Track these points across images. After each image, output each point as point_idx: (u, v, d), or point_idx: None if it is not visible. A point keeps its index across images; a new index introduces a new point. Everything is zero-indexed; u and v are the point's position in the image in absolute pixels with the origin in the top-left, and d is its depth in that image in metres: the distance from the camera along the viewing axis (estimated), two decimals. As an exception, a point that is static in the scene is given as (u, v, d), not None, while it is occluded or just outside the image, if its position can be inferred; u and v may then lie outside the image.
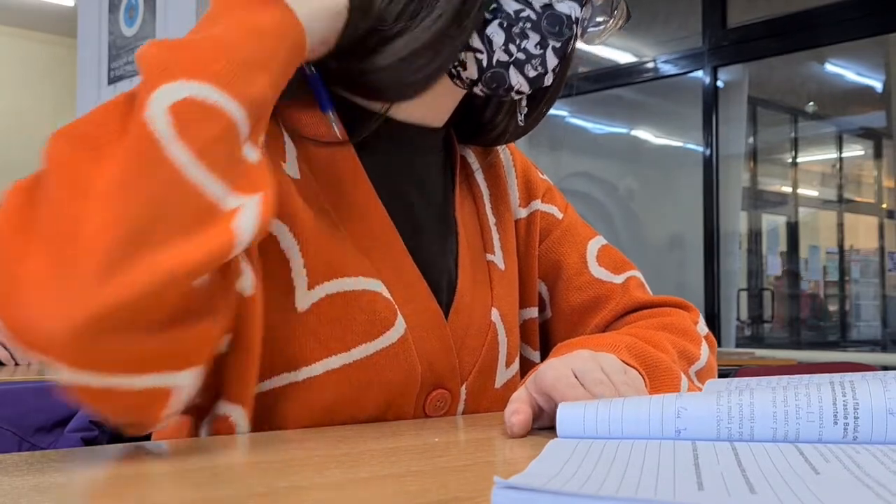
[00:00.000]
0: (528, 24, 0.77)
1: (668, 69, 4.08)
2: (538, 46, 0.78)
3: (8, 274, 0.53)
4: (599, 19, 0.82)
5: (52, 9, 6.59)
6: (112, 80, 3.67)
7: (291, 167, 0.77)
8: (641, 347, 0.80)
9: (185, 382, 0.58)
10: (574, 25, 0.78)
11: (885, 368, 2.06)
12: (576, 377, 0.67)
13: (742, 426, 0.57)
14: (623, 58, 4.49)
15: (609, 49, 4.53)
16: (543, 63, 0.79)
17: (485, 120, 0.91)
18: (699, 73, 3.93)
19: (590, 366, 0.69)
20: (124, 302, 0.52)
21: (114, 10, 3.68)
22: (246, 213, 0.58)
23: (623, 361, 0.74)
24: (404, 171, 0.84)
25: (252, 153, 0.62)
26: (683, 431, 0.58)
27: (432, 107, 0.84)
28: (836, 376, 0.58)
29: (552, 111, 0.93)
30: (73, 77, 4.04)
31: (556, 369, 0.68)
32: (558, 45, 0.78)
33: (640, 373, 0.75)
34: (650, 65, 4.19)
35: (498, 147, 0.99)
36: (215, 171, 0.57)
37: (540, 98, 0.89)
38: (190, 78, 0.58)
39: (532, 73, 0.79)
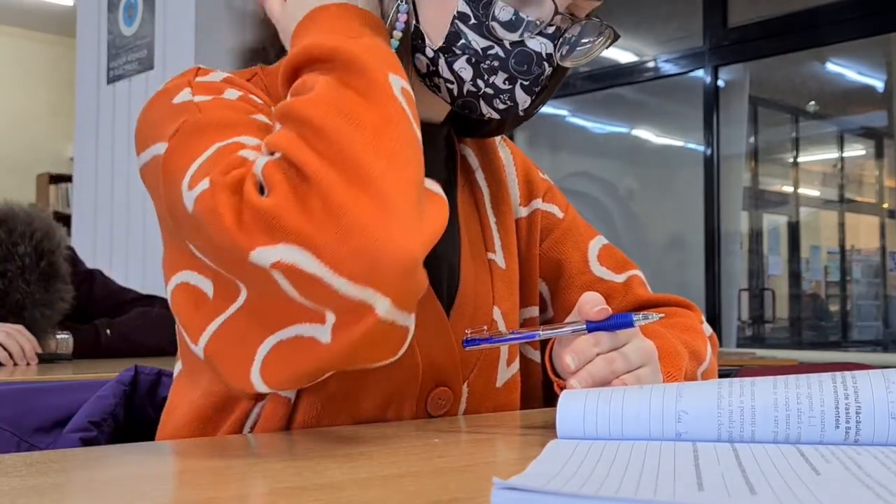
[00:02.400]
0: (497, 63, 0.77)
1: (668, 68, 4.07)
2: (506, 82, 0.78)
3: (347, 217, 0.59)
4: (585, 40, 0.81)
5: (51, 8, 6.59)
6: (111, 80, 3.67)
7: None
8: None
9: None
10: (545, 62, 0.78)
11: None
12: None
13: (743, 430, 0.57)
14: (624, 57, 4.48)
15: (609, 48, 4.52)
16: (512, 97, 0.79)
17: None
18: (700, 73, 3.92)
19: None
20: (429, 243, 0.62)
21: (113, 9, 3.68)
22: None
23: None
24: None
25: None
26: (684, 434, 0.58)
27: (431, 103, 0.84)
28: (839, 374, 0.58)
29: (552, 111, 0.93)
30: (71, 76, 4.03)
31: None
32: (527, 82, 0.78)
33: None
34: (651, 64, 4.19)
35: (499, 147, 0.99)
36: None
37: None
38: (395, 72, 0.69)
39: (501, 106, 0.80)
